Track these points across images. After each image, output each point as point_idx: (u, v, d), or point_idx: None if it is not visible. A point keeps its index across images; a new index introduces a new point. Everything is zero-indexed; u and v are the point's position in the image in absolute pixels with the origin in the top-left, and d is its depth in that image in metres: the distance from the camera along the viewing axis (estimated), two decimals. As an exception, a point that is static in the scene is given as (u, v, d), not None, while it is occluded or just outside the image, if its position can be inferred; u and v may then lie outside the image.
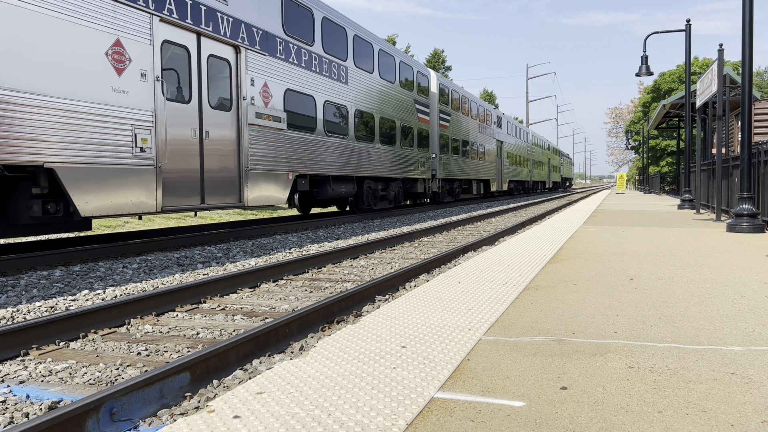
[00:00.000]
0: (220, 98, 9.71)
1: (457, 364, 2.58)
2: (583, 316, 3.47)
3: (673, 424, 1.94)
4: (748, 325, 3.21)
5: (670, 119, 29.12)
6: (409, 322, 3.31)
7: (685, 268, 5.30)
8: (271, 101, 10.93)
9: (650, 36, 18.08)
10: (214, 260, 8.13)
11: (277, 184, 11.14)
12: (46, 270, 7.09)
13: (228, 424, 1.98)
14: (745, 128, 9.20)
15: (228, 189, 9.80)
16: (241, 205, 10.00)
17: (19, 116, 6.40)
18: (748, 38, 8.95)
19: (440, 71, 49.76)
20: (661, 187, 40.14)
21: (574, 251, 6.59)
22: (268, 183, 10.84)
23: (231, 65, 9.92)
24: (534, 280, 4.68)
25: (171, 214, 16.35)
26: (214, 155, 9.47)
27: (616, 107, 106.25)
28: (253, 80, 10.36)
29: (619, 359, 2.65)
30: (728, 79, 15.22)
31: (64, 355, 3.88)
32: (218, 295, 5.76)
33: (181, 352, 3.93)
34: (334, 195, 14.19)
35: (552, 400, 2.17)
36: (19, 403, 3.04)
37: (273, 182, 10.99)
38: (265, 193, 10.73)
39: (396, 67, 17.74)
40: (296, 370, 2.53)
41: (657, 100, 41.42)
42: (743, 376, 2.40)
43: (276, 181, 11.08)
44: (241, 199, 10.07)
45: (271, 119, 10.81)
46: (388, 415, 2.03)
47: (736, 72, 18.30)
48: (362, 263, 8.01)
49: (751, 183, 9.53)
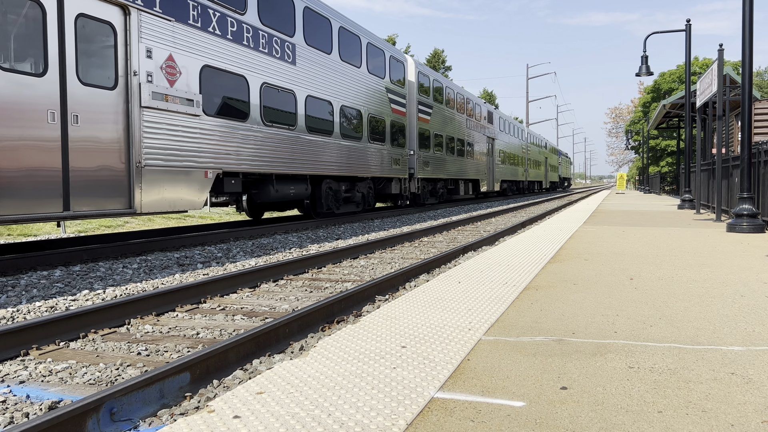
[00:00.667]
0: (98, 72, 7.56)
1: (457, 364, 2.58)
2: (583, 316, 3.47)
3: (673, 424, 1.94)
4: (748, 325, 3.21)
5: (670, 119, 29.13)
6: (409, 322, 3.31)
7: (685, 268, 5.30)
8: (179, 80, 8.76)
9: (650, 36, 18.10)
10: (214, 260, 8.13)
11: (189, 185, 8.96)
12: (46, 270, 7.09)
13: (228, 424, 1.98)
14: (745, 128, 9.20)
15: (109, 191, 7.66)
16: (132, 211, 7.96)
17: None
18: (748, 38, 8.95)
19: (440, 71, 49.62)
20: (661, 187, 40.14)
21: (574, 251, 6.59)
22: (174, 183, 8.67)
23: (116, 30, 7.80)
24: (534, 280, 4.68)
25: (171, 215, 16.40)
26: (86, 147, 7.32)
27: (616, 107, 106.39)
28: (150, 51, 8.20)
29: (619, 359, 2.65)
30: (728, 79, 15.22)
31: (64, 355, 3.88)
32: (218, 295, 5.76)
33: (181, 352, 3.93)
34: (279, 197, 11.97)
35: (552, 400, 2.17)
36: (19, 403, 3.04)
37: (182, 182, 8.82)
38: (169, 196, 8.55)
39: (363, 49, 15.29)
40: (296, 370, 2.53)
41: (657, 100, 41.43)
42: (743, 376, 2.40)
43: (187, 180, 8.92)
44: (131, 203, 7.95)
45: (178, 102, 8.68)
46: (388, 415, 2.03)
47: (736, 72, 18.30)
48: (362, 263, 8.02)
49: (751, 183, 9.53)
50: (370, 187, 16.55)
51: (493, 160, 30.57)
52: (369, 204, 16.55)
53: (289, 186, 12.26)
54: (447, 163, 22.58)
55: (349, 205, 15.49)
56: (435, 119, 21.32)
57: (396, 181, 17.97)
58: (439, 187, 22.78)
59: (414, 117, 19.25)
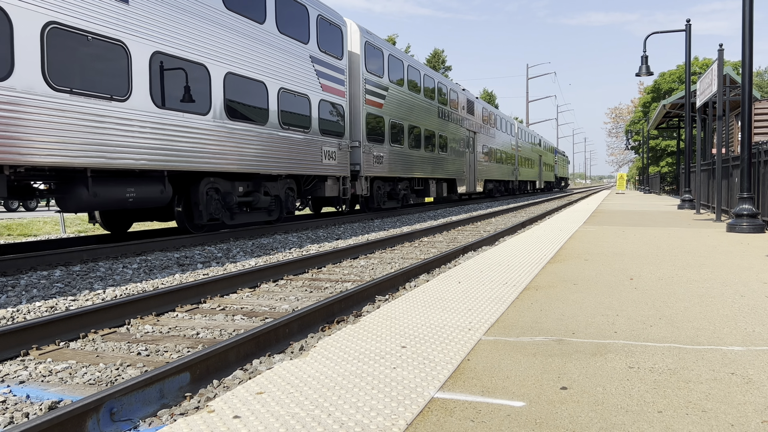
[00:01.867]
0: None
1: (457, 364, 2.58)
2: (583, 316, 3.47)
3: (673, 424, 1.94)
4: (748, 325, 3.21)
5: (670, 119, 29.13)
6: (409, 322, 3.31)
7: (685, 268, 5.30)
8: None
9: (650, 36, 18.08)
10: (214, 260, 8.13)
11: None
12: (46, 270, 7.09)
13: (228, 424, 1.98)
14: (745, 128, 9.20)
15: None
16: None
17: None
18: (748, 38, 8.95)
19: (440, 71, 49.26)
20: (661, 187, 40.15)
21: (574, 251, 6.59)
22: None
23: None
24: (534, 280, 4.68)
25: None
26: None
27: (616, 107, 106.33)
28: None
29: (619, 359, 2.65)
30: (728, 79, 15.22)
31: (64, 355, 3.88)
32: (218, 295, 5.76)
33: (181, 352, 3.93)
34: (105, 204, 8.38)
35: (552, 400, 2.17)
36: (19, 403, 3.04)
37: None
38: None
39: None
40: (296, 370, 2.53)
41: (657, 100, 41.42)
42: (743, 376, 2.40)
43: None
44: None
45: None
46: (388, 415, 2.03)
47: (736, 72, 18.30)
48: (362, 263, 8.02)
49: (751, 183, 9.53)
50: (290, 189, 13.00)
51: (475, 157, 26.83)
52: (287, 210, 12.88)
53: (125, 187, 8.61)
54: (411, 158, 18.86)
55: (253, 213, 11.77)
56: (391, 104, 17.31)
57: (332, 180, 14.34)
58: (401, 188, 18.84)
59: (360, 99, 15.37)
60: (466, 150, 25.47)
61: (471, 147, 26.32)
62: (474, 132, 26.86)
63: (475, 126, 27.11)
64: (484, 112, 29.10)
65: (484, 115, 29.06)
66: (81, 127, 7.59)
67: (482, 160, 28.33)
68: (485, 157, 29.02)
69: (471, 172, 26.22)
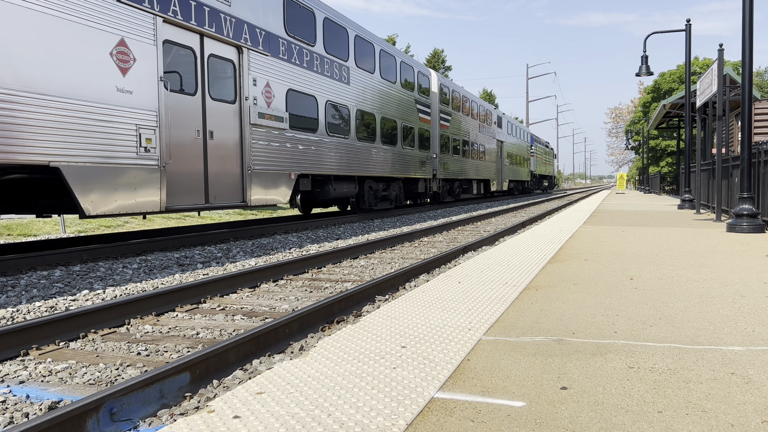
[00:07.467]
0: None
1: (457, 364, 2.58)
2: (583, 316, 3.47)
3: (673, 424, 1.94)
4: (749, 325, 3.21)
5: (670, 119, 29.13)
6: (409, 322, 3.31)
7: (685, 268, 5.30)
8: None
9: (650, 36, 18.06)
10: (214, 260, 8.13)
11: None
12: (46, 270, 7.09)
13: (228, 424, 1.98)
14: (745, 128, 9.20)
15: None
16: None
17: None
18: (748, 38, 8.95)
19: (440, 71, 49.56)
20: (661, 187, 40.14)
21: (574, 251, 6.59)
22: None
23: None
24: (534, 280, 4.68)
25: (171, 214, 16.42)
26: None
27: (616, 107, 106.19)
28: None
29: (619, 359, 2.64)
30: (728, 79, 15.22)
31: (64, 355, 3.88)
32: (218, 295, 5.76)
33: (181, 352, 3.92)
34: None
35: (552, 400, 2.17)
36: (19, 403, 3.04)
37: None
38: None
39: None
40: (296, 370, 2.53)
41: (657, 100, 41.41)
42: (743, 376, 2.40)
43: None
44: None
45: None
46: (388, 415, 2.03)
47: (736, 72, 18.30)
48: (362, 263, 8.01)
49: (751, 183, 9.53)
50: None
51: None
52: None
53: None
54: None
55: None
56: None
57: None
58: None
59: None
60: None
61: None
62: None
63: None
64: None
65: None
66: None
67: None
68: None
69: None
